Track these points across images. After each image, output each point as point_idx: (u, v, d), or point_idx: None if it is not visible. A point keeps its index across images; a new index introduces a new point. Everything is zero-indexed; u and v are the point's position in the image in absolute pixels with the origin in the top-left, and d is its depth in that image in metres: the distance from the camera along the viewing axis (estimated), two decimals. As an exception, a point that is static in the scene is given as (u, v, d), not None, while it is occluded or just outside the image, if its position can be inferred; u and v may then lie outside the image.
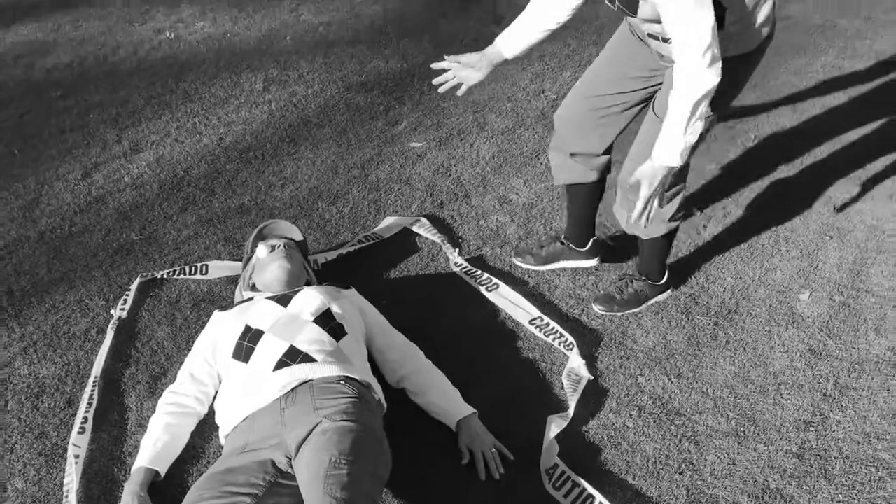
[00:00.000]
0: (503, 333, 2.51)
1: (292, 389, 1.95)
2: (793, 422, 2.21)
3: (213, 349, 2.18)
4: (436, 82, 2.33)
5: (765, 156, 3.40)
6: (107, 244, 2.85)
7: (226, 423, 1.99)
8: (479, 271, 2.71)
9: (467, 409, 2.15)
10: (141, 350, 2.41)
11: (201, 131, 3.54)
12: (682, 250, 2.85)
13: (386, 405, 2.09)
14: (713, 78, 1.77)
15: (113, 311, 2.52)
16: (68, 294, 2.62)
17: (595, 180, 2.49)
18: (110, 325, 2.46)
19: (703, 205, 3.08)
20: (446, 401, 2.18)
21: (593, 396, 2.28)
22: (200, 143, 3.45)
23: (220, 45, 4.32)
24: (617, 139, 2.40)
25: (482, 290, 2.64)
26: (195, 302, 2.59)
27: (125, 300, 2.56)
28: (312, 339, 2.06)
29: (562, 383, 2.31)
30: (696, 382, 2.34)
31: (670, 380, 2.35)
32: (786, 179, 3.25)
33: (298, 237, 2.58)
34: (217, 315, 2.26)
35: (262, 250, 2.38)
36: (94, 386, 2.24)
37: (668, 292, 2.62)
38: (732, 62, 1.92)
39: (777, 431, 2.19)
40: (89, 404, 2.18)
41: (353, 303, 2.31)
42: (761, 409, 2.25)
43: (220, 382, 2.17)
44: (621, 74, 2.23)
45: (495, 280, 2.66)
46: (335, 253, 2.79)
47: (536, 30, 2.21)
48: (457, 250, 2.81)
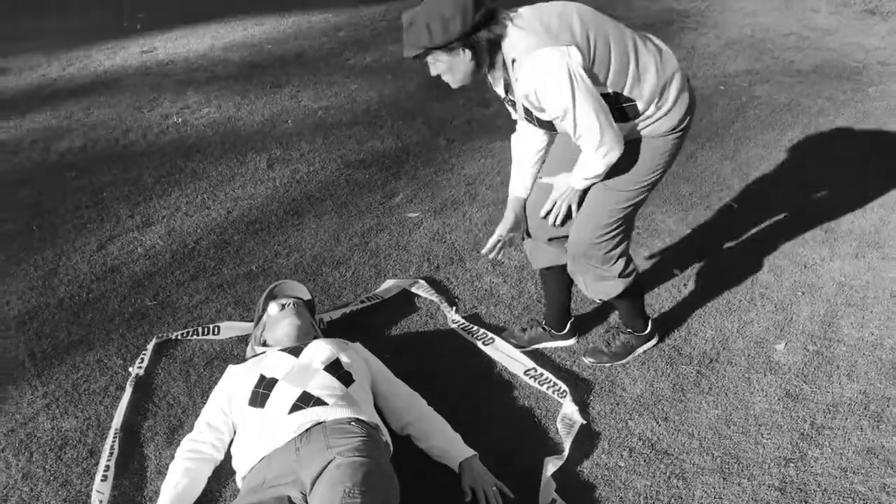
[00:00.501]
0: (500, 383, 2.66)
1: (306, 430, 2.09)
2: (774, 459, 2.36)
3: (229, 399, 2.33)
4: (487, 253, 2.49)
5: (739, 220, 3.65)
6: (122, 309, 3.02)
7: (243, 465, 2.12)
8: (476, 327, 2.89)
9: (469, 452, 2.29)
10: (158, 404, 2.55)
11: (209, 206, 3.76)
12: (665, 306, 3.05)
13: (392, 448, 2.23)
14: (601, 168, 2.21)
15: (131, 369, 2.67)
16: (87, 354, 2.77)
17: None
18: (128, 382, 2.60)
19: (682, 266, 3.30)
20: (449, 444, 2.32)
21: (586, 439, 2.43)
22: (209, 216, 3.67)
23: (225, 129, 4.60)
24: None
25: (479, 344, 2.81)
26: (208, 360, 2.75)
27: (142, 359, 2.71)
28: (324, 385, 2.22)
29: (556, 428, 2.46)
30: (682, 425, 2.50)
31: (658, 423, 2.50)
32: (759, 242, 3.49)
33: (307, 296, 2.77)
34: (231, 369, 2.41)
35: (273, 308, 2.56)
36: (114, 437, 2.37)
37: (653, 341, 2.79)
38: (652, 140, 2.27)
39: (759, 467, 2.33)
40: (111, 454, 2.31)
41: (359, 354, 2.48)
42: (744, 448, 2.40)
43: (234, 431, 2.31)
44: (574, 159, 2.38)
45: (491, 335, 2.84)
46: (339, 312, 2.97)
47: (530, 164, 2.48)
48: (454, 308, 3.00)
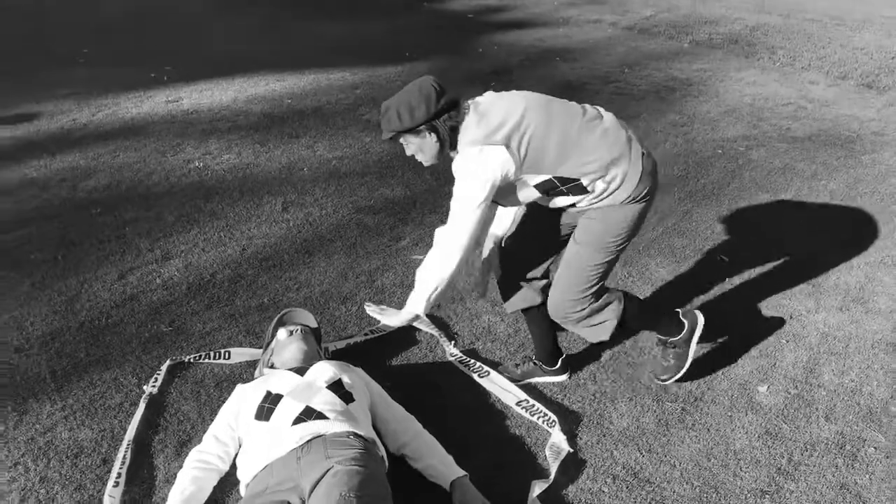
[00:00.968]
0: (493, 412, 2.80)
1: (307, 442, 2.23)
2: (751, 490, 2.48)
3: (236, 415, 2.48)
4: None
5: (729, 273, 3.82)
6: (139, 334, 3.19)
7: (247, 473, 2.26)
8: (473, 360, 3.04)
9: (460, 472, 2.42)
10: (169, 420, 2.70)
11: (226, 243, 3.96)
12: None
13: (388, 463, 2.36)
14: (454, 268, 2.43)
15: (145, 388, 2.83)
16: (104, 373, 2.93)
17: (541, 302, 2.76)
18: (142, 399, 2.76)
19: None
20: (442, 464, 2.45)
21: (573, 465, 2.56)
22: (225, 252, 3.87)
23: (243, 174, 4.84)
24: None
25: (475, 376, 2.96)
26: (218, 381, 2.90)
27: (156, 378, 2.87)
28: (326, 401, 2.37)
29: (545, 455, 2.59)
30: (665, 456, 2.62)
31: (642, 454, 2.63)
32: (747, 293, 3.65)
33: (314, 325, 2.93)
34: (240, 387, 2.57)
35: (282, 333, 2.74)
36: (127, 448, 2.51)
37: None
38: (614, 210, 2.43)
39: (737, 498, 2.45)
40: (123, 463, 2.45)
41: (361, 377, 2.63)
42: (723, 480, 2.52)
43: (240, 446, 2.45)
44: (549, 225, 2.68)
45: (486, 368, 2.99)
46: (344, 342, 3.13)
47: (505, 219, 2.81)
48: (452, 342, 3.16)
